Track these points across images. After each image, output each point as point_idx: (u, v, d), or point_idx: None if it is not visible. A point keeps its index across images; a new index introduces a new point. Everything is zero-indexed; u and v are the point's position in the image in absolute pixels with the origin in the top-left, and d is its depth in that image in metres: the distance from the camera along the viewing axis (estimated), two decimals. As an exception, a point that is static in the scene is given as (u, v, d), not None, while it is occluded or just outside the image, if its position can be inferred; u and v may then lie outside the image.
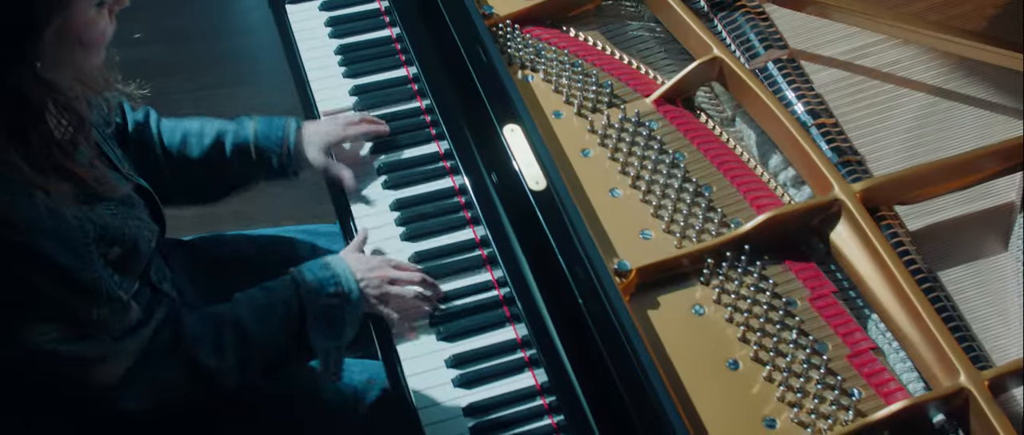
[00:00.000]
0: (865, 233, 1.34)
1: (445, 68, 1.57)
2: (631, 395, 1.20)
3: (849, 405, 1.24)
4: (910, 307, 1.28)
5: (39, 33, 1.12)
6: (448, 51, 1.55)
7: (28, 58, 1.13)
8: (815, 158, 1.42)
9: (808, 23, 1.67)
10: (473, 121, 1.49)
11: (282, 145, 1.62)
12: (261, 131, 1.62)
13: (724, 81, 1.57)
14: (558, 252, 1.31)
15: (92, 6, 1.17)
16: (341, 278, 1.45)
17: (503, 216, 1.40)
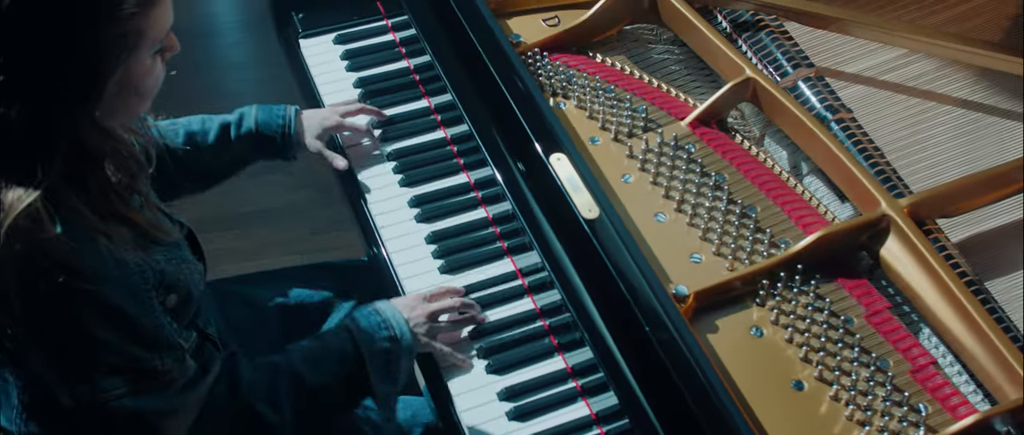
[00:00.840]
0: (917, 247, 1.35)
1: (483, 99, 1.56)
2: (708, 421, 1.19)
3: (918, 421, 1.24)
4: (969, 319, 1.29)
5: (104, 82, 1.09)
6: (484, 81, 1.54)
7: (90, 106, 1.10)
8: (859, 175, 1.43)
9: (828, 41, 1.68)
10: (517, 151, 1.48)
11: (283, 131, 1.66)
12: (261, 118, 1.66)
13: (757, 101, 1.57)
14: (620, 281, 1.30)
15: (150, 54, 1.14)
16: (391, 322, 1.44)
17: (558, 247, 1.39)
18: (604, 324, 1.31)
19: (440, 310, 1.48)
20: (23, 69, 1.05)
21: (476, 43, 1.56)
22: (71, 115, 1.08)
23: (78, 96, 1.08)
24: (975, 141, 1.58)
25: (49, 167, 1.08)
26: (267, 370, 1.37)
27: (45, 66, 1.05)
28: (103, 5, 1.05)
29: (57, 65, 1.06)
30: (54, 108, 1.07)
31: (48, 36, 1.04)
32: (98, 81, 1.09)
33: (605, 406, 1.42)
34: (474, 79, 1.58)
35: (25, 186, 1.08)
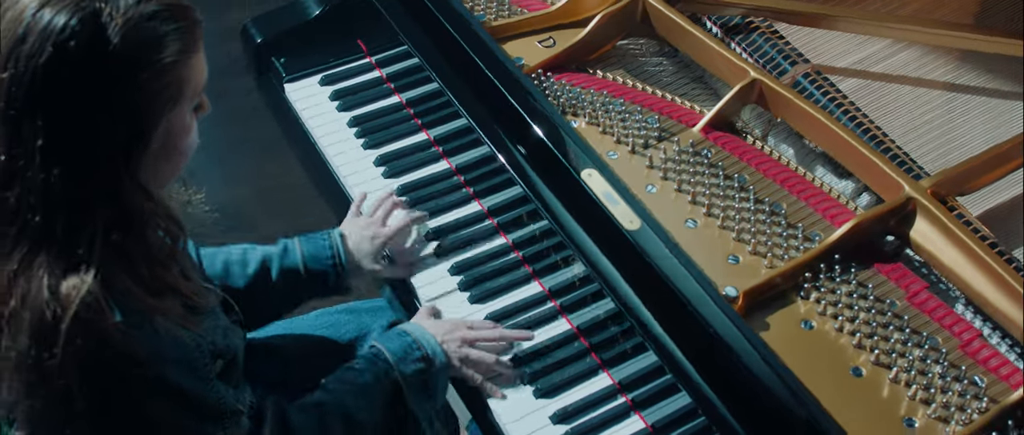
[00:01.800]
0: (946, 225, 1.39)
1: (502, 123, 1.55)
2: (787, 416, 1.20)
3: (978, 393, 1.28)
4: (1008, 287, 1.33)
5: (148, 137, 1.05)
6: (501, 107, 1.54)
7: (134, 165, 1.05)
8: (879, 162, 1.46)
9: (817, 39, 1.73)
10: (547, 172, 1.48)
11: (334, 262, 1.56)
12: (308, 252, 1.56)
13: (763, 101, 1.60)
14: (674, 287, 1.30)
15: (189, 111, 1.11)
16: (422, 342, 1.42)
17: (606, 261, 1.38)
18: (666, 332, 1.31)
19: (477, 339, 1.47)
20: (63, 128, 1.01)
21: (486, 70, 1.56)
22: (115, 176, 1.04)
23: (122, 154, 1.04)
24: (966, 121, 1.64)
25: (94, 238, 1.04)
26: (314, 412, 1.34)
27: (86, 123, 1.02)
28: (144, 53, 1.02)
29: (99, 121, 1.02)
30: (97, 169, 1.03)
31: (88, 90, 1.00)
32: (142, 137, 1.05)
33: (660, 417, 1.42)
34: (490, 106, 1.57)
35: (76, 272, 1.03)
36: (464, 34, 1.61)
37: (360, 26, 1.92)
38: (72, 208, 1.03)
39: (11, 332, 1.05)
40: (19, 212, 1.03)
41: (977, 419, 1.24)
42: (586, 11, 1.74)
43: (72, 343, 1.03)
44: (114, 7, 0.99)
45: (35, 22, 0.98)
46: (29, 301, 1.03)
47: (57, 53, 0.98)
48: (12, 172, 1.02)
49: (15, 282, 1.04)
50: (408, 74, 1.86)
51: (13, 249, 1.04)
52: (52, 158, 1.01)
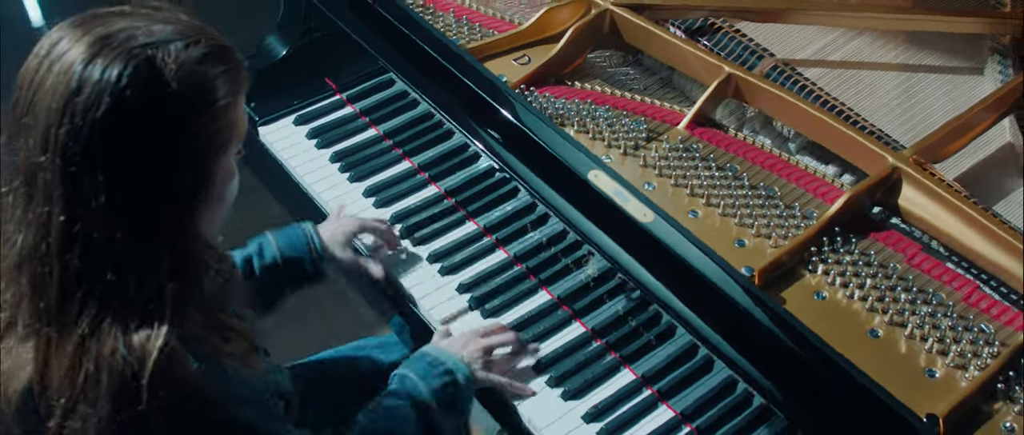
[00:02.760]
0: (932, 188, 1.48)
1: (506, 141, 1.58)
2: (830, 378, 1.25)
3: (989, 338, 1.35)
4: (1000, 240, 1.42)
5: (210, 185, 1.05)
6: (500, 125, 1.57)
7: (195, 211, 1.05)
8: (860, 138, 1.55)
9: (775, 34, 1.82)
10: (557, 179, 1.51)
11: (310, 250, 1.58)
12: (282, 243, 1.57)
13: (740, 95, 1.67)
14: (699, 271, 1.35)
15: (234, 154, 1.11)
16: (447, 362, 1.43)
17: (629, 256, 1.42)
18: (697, 314, 1.35)
19: (493, 345, 1.49)
20: (126, 181, 0.99)
21: (478, 90, 1.60)
22: (178, 224, 1.03)
23: (185, 203, 1.03)
24: (924, 97, 1.74)
25: (161, 288, 1.02)
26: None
27: (149, 173, 1.00)
28: (199, 97, 1.02)
29: (161, 170, 1.01)
30: (161, 219, 1.02)
31: (148, 139, 0.99)
32: (203, 183, 1.04)
33: (688, 404, 1.46)
34: (488, 122, 1.60)
35: (147, 325, 1.02)
36: (450, 58, 1.65)
37: (327, 64, 1.94)
38: (137, 262, 1.01)
39: (88, 399, 1.02)
40: (82, 275, 1.00)
41: (991, 363, 1.32)
42: (556, 27, 1.80)
43: (155, 397, 1.01)
44: (165, 53, 0.99)
45: (88, 74, 0.96)
46: (105, 363, 1.00)
47: (115, 104, 0.96)
48: (72, 234, 0.99)
49: (85, 347, 1.01)
50: (381, 107, 1.88)
51: (81, 313, 1.01)
52: (116, 213, 0.99)
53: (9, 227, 1.02)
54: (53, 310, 1.02)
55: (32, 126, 0.98)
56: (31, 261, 1.02)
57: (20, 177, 1.00)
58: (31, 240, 1.01)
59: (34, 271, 1.02)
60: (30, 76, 0.99)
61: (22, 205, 1.01)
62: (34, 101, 0.98)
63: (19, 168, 1.01)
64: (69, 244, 1.00)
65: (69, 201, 0.98)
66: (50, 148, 0.97)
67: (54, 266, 1.00)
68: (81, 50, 0.97)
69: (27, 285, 1.03)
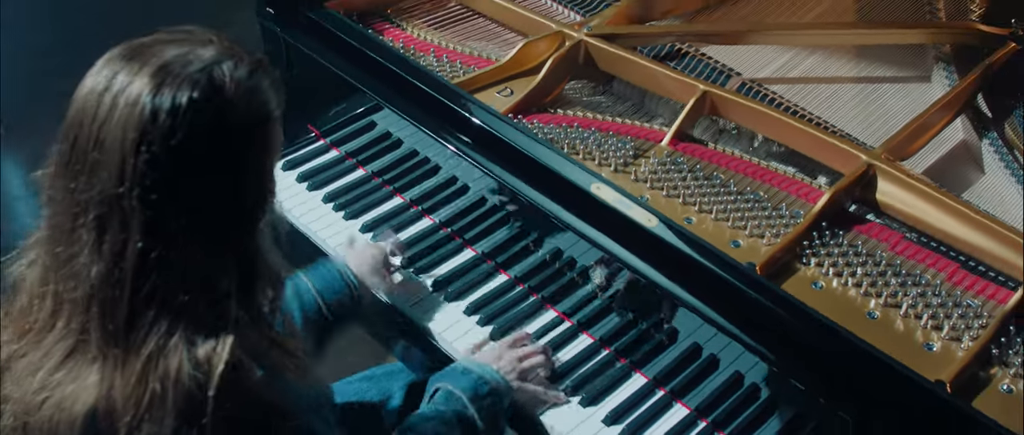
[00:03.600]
0: (906, 180, 1.59)
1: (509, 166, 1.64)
2: (844, 353, 1.33)
3: (977, 311, 1.45)
4: (976, 222, 1.53)
5: (272, 196, 1.09)
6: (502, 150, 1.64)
7: (260, 220, 1.08)
8: (834, 142, 1.66)
9: (737, 57, 1.93)
10: (562, 195, 1.57)
11: (347, 286, 1.60)
12: (321, 286, 1.59)
13: (715, 110, 1.78)
14: (710, 265, 1.43)
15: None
16: (486, 376, 1.47)
17: (640, 262, 1.49)
18: (712, 309, 1.42)
19: (524, 355, 1.54)
20: (204, 202, 1.02)
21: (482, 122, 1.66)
22: (245, 237, 1.07)
23: (251, 215, 1.07)
24: (880, 104, 1.87)
25: (225, 302, 1.05)
26: None
27: (223, 191, 1.04)
28: (258, 110, 1.05)
29: (234, 187, 1.04)
30: (232, 235, 1.05)
31: (222, 159, 1.03)
32: (265, 192, 1.08)
33: (701, 400, 1.52)
34: (491, 150, 1.67)
35: (212, 338, 1.04)
36: (445, 92, 1.72)
37: (310, 110, 1.99)
38: (207, 279, 1.04)
39: (154, 417, 1.03)
40: (153, 296, 1.02)
41: (982, 334, 1.41)
42: (535, 59, 1.88)
43: (222, 409, 1.02)
44: (221, 73, 1.02)
45: (159, 103, 0.99)
46: (171, 379, 1.02)
47: (189, 128, 0.99)
48: (148, 260, 1.01)
49: (152, 365, 1.03)
50: (366, 149, 1.93)
51: (148, 333, 1.03)
52: (192, 234, 1.02)
53: (80, 260, 1.04)
54: (121, 332, 1.03)
55: (102, 161, 1.00)
56: (102, 290, 1.03)
57: (92, 212, 1.02)
58: (103, 270, 1.03)
59: (105, 297, 1.03)
60: (91, 112, 1.01)
61: (95, 237, 1.03)
62: (101, 137, 1.00)
63: (86, 204, 1.02)
64: (144, 268, 1.02)
65: (147, 227, 1.01)
66: (127, 179, 0.99)
67: (126, 290, 1.02)
68: (145, 81, 1.00)
69: (96, 312, 1.04)
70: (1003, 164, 1.72)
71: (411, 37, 2.00)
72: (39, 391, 1.07)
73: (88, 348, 1.06)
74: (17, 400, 1.09)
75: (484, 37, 2.02)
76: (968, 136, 1.80)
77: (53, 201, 1.06)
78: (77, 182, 1.02)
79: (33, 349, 1.09)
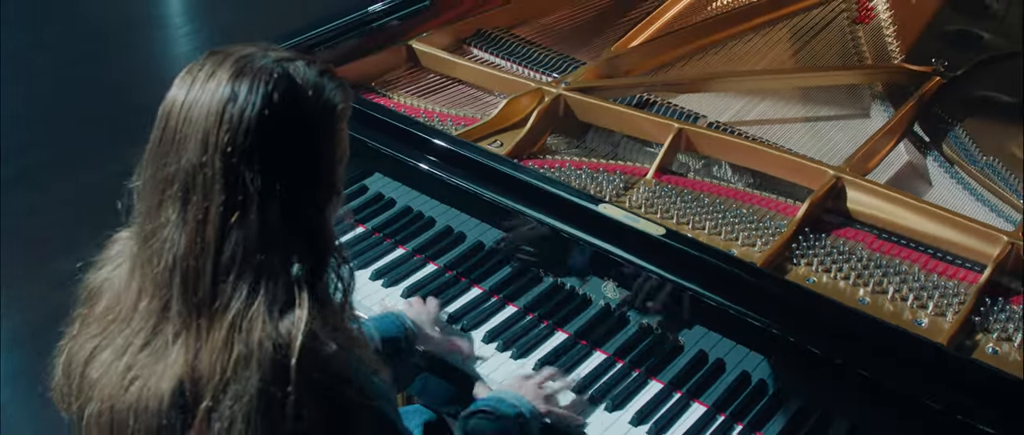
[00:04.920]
0: (873, 188, 1.78)
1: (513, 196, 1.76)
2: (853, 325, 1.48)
3: (954, 291, 1.62)
4: (942, 217, 1.71)
5: (338, 180, 1.19)
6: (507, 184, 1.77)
7: (335, 199, 1.18)
8: (804, 161, 1.84)
9: (699, 105, 2.12)
10: (576, 219, 1.70)
11: (403, 326, 1.67)
12: (379, 326, 1.66)
13: (691, 146, 1.95)
14: (720, 264, 1.56)
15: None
16: (517, 404, 1.55)
17: (654, 267, 1.61)
18: (727, 300, 1.55)
19: (542, 381, 1.63)
20: (279, 174, 1.12)
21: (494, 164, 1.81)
22: (317, 214, 1.16)
23: (321, 193, 1.16)
24: (828, 137, 2.08)
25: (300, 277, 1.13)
26: None
27: (298, 168, 1.13)
28: (327, 102, 1.16)
29: (304, 164, 1.14)
30: (305, 211, 1.14)
31: (298, 139, 1.13)
32: (334, 178, 1.18)
33: (716, 397, 1.63)
34: (504, 189, 1.79)
35: (289, 311, 1.12)
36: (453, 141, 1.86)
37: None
38: (283, 249, 1.12)
39: (239, 377, 1.09)
40: (234, 262, 1.10)
41: (962, 308, 1.58)
42: (519, 113, 2.04)
43: (304, 376, 1.09)
44: (294, 67, 1.14)
45: (239, 86, 1.10)
46: (255, 343, 1.09)
47: (265, 106, 1.10)
48: (228, 226, 1.10)
49: (236, 329, 1.10)
50: (365, 207, 2.02)
51: (231, 300, 1.11)
52: (267, 203, 1.11)
53: (165, 233, 1.12)
54: (205, 301, 1.11)
55: (189, 134, 1.10)
56: (185, 259, 1.11)
57: (177, 183, 1.11)
58: (187, 239, 1.11)
59: (187, 267, 1.11)
60: (181, 100, 1.12)
61: (179, 207, 1.11)
62: (189, 116, 1.11)
63: (172, 177, 1.11)
64: (225, 233, 1.10)
65: (228, 193, 1.10)
66: (210, 149, 1.09)
67: (208, 257, 1.10)
68: (228, 70, 1.12)
69: (179, 284, 1.12)
70: (949, 176, 1.93)
71: (399, 104, 2.13)
72: (124, 374, 1.13)
73: (170, 325, 1.12)
74: (103, 386, 1.15)
75: (466, 101, 2.16)
76: (912, 157, 2.01)
77: (143, 188, 1.15)
78: (166, 159, 1.12)
79: (116, 337, 1.15)
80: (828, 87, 2.21)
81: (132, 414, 1.13)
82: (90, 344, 1.19)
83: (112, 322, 1.18)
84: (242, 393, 1.10)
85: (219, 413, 1.09)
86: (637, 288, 1.66)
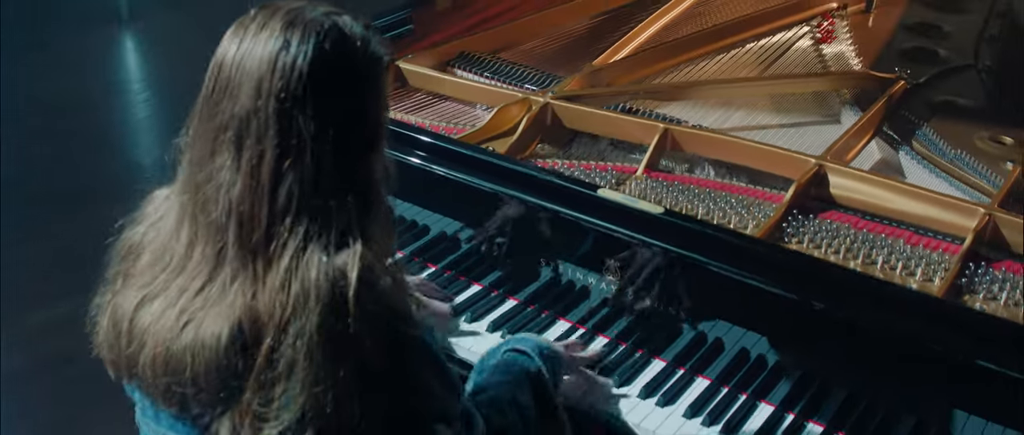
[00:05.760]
0: (853, 173, 1.87)
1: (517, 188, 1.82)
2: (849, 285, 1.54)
3: (938, 260, 1.70)
4: (921, 196, 1.81)
5: (383, 129, 1.24)
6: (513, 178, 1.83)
7: (379, 147, 1.23)
8: (785, 153, 1.93)
9: (679, 112, 2.21)
10: (580, 203, 1.76)
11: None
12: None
13: (677, 145, 2.03)
14: (720, 235, 1.63)
15: None
16: (540, 343, 1.60)
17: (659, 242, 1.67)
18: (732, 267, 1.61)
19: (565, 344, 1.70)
20: (326, 119, 1.17)
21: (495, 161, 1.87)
22: (365, 160, 1.21)
23: (368, 139, 1.22)
24: (801, 140, 2.17)
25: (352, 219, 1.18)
26: (493, 407, 1.45)
27: (343, 112, 1.19)
28: (374, 53, 1.22)
29: (352, 110, 1.19)
30: (353, 154, 1.19)
31: (342, 84, 1.19)
32: (379, 126, 1.23)
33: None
34: (509, 182, 1.85)
35: (344, 248, 1.16)
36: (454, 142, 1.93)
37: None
38: (335, 191, 1.17)
39: (298, 314, 1.13)
40: (288, 204, 1.15)
41: (948, 274, 1.66)
42: (510, 121, 2.11)
43: (364, 310, 1.13)
44: (342, 20, 1.20)
45: (291, 35, 1.16)
46: (311, 279, 1.13)
47: (316, 53, 1.15)
48: (282, 168, 1.15)
49: (293, 268, 1.14)
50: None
51: (287, 240, 1.14)
52: (319, 146, 1.16)
53: (219, 179, 1.16)
54: (261, 244, 1.14)
55: (242, 83, 1.15)
56: (240, 203, 1.15)
57: (231, 130, 1.15)
58: (242, 183, 1.15)
59: (243, 211, 1.15)
60: (234, 51, 1.17)
61: (234, 152, 1.15)
62: (243, 65, 1.16)
63: (226, 124, 1.16)
64: (279, 177, 1.15)
65: (281, 137, 1.15)
66: (263, 95, 1.14)
67: (264, 199, 1.14)
68: (279, 22, 1.17)
69: (235, 228, 1.15)
70: (922, 167, 2.03)
71: (392, 118, 2.19)
72: (178, 317, 1.15)
73: (226, 270, 1.16)
74: (156, 331, 1.17)
75: (456, 115, 2.22)
76: (885, 154, 2.11)
77: (193, 138, 1.20)
78: (219, 108, 1.16)
79: (167, 287, 1.18)
80: (799, 96, 2.31)
81: (189, 353, 1.15)
82: (138, 295, 1.21)
83: (161, 272, 1.21)
84: (302, 331, 1.13)
85: (281, 352, 1.12)
86: (639, 266, 1.71)
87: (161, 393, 1.20)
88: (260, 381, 1.14)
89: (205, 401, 1.18)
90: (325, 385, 1.13)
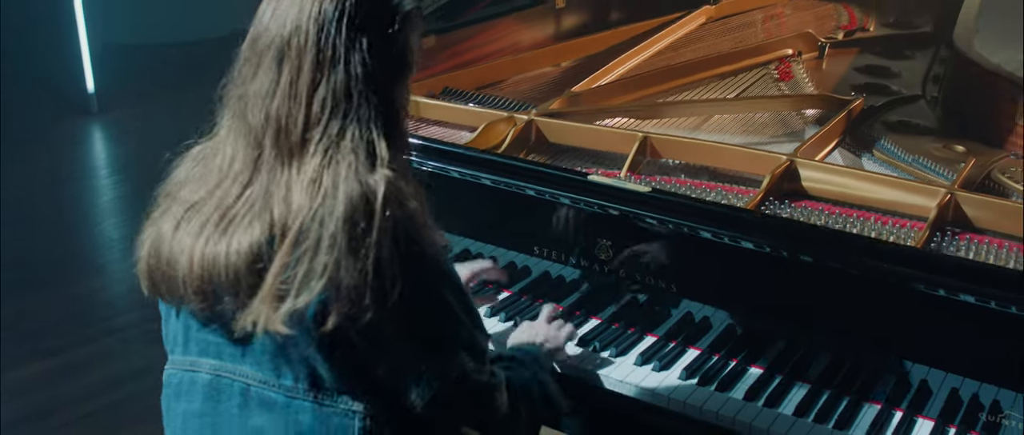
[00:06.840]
0: (824, 166, 2.00)
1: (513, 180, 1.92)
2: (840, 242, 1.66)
3: (908, 232, 1.82)
4: (887, 181, 1.94)
5: (411, 66, 1.35)
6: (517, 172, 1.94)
7: (408, 74, 1.34)
8: (758, 152, 2.07)
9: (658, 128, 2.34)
10: (574, 187, 1.86)
11: None
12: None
13: (655, 151, 2.15)
14: (709, 208, 1.75)
15: None
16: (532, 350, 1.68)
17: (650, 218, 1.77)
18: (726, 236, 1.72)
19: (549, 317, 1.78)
20: (359, 44, 1.27)
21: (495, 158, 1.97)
22: (392, 85, 1.31)
23: (397, 70, 1.32)
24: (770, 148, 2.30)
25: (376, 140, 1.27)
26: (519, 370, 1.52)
27: (376, 40, 1.28)
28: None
29: (385, 41, 1.30)
30: (381, 77, 1.29)
31: (377, 18, 1.29)
32: (408, 64, 1.34)
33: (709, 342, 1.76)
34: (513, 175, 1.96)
35: (371, 165, 1.25)
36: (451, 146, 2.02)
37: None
38: (367, 108, 1.27)
39: (326, 208, 1.21)
40: (323, 110, 1.25)
41: (919, 235, 1.78)
42: (497, 137, 2.22)
43: (388, 216, 1.21)
44: None
45: None
46: (342, 176, 1.22)
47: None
48: (317, 82, 1.25)
49: (324, 166, 1.23)
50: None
51: (320, 144, 1.24)
52: (354, 64, 1.26)
53: (261, 88, 1.26)
54: (296, 146, 1.24)
55: (285, 13, 1.26)
56: (279, 108, 1.25)
57: (272, 51, 1.26)
58: (281, 92, 1.25)
59: (280, 116, 1.25)
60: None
61: (275, 68, 1.26)
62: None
63: (268, 47, 1.27)
64: (315, 85, 1.25)
65: (318, 51, 1.25)
66: (305, 20, 1.25)
67: (301, 108, 1.24)
68: None
69: (272, 134, 1.25)
70: (885, 169, 2.17)
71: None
72: (219, 223, 1.24)
73: (262, 175, 1.25)
74: (193, 246, 1.26)
75: (443, 136, 2.33)
76: (848, 161, 2.25)
77: (240, 64, 1.30)
78: (262, 37, 1.27)
79: (210, 199, 1.27)
80: (765, 119, 2.46)
81: (227, 255, 1.22)
82: (179, 213, 1.28)
83: (201, 189, 1.29)
84: (328, 220, 1.21)
85: (305, 234, 1.19)
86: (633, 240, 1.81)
87: (198, 303, 1.26)
88: (284, 263, 1.21)
89: (241, 303, 1.24)
90: (345, 272, 1.20)
